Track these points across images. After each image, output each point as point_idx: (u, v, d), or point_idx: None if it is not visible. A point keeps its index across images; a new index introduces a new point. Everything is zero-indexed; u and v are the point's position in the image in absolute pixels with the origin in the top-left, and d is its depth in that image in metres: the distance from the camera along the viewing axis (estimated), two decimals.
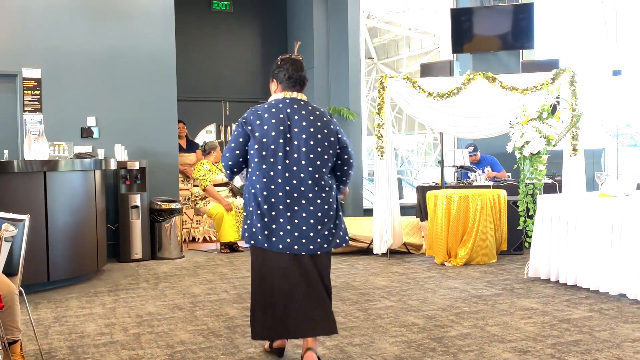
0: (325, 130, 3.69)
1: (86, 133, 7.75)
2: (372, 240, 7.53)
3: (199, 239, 9.14)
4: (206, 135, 10.80)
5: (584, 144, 7.04)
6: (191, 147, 9.62)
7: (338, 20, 10.18)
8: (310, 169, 3.62)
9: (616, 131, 10.00)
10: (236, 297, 5.59)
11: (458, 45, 10.13)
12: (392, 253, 7.52)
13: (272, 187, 3.59)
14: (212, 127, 10.89)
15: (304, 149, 3.62)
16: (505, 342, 4.13)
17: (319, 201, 3.64)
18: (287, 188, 3.59)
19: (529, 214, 6.49)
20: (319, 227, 3.63)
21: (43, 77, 7.63)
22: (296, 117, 3.64)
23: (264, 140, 3.60)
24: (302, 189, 3.61)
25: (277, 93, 3.79)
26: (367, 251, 7.69)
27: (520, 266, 6.68)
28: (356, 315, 4.88)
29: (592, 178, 6.64)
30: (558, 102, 6.94)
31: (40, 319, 4.92)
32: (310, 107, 3.73)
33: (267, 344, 4.01)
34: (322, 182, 3.67)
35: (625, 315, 4.72)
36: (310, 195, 3.62)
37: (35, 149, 6.12)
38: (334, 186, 3.77)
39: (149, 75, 8.12)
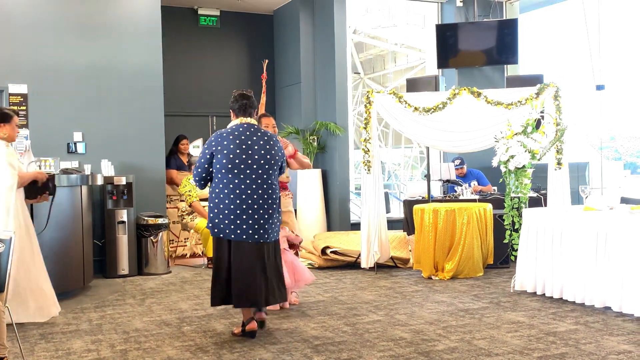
0: (275, 149, 4.82)
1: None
2: (359, 255, 7.55)
3: (187, 254, 9.10)
4: (193, 150, 10.79)
5: (568, 157, 7.11)
6: (192, 163, 9.55)
7: (324, 35, 10.24)
8: (265, 176, 4.72)
9: (600, 145, 10.11)
10: (223, 312, 5.57)
11: (443, 60, 10.21)
12: (379, 267, 7.53)
13: (237, 191, 4.64)
14: (199, 142, 10.87)
15: (262, 162, 4.71)
16: (492, 355, 4.15)
17: (270, 201, 4.74)
18: (249, 192, 4.65)
19: (515, 227, 6.53)
20: (270, 222, 4.73)
21: (29, 92, 7.62)
22: (254, 138, 4.74)
23: (231, 156, 4.64)
24: (260, 192, 4.68)
25: (234, 120, 4.88)
26: (354, 265, 7.70)
27: (506, 279, 6.72)
28: (344, 329, 4.89)
29: (577, 191, 6.69)
30: (542, 116, 7.00)
31: (26, 336, 4.88)
32: (261, 132, 4.82)
33: (237, 329, 4.81)
34: (273, 187, 4.78)
35: (610, 328, 4.76)
36: (265, 197, 4.71)
37: (22, 164, 6.09)
38: (278, 192, 4.85)
39: (136, 90, 8.12)
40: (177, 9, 10.41)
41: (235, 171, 4.64)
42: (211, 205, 4.71)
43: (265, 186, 4.71)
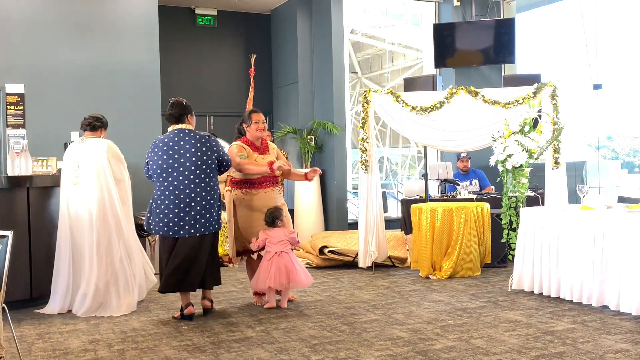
0: (204, 149, 5.25)
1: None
2: (357, 254, 7.54)
3: None
4: None
5: (565, 157, 7.11)
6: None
7: (322, 35, 10.24)
8: (192, 177, 5.19)
9: (597, 144, 10.12)
10: (221, 311, 5.57)
11: (441, 59, 10.21)
12: (377, 266, 7.53)
13: (167, 193, 5.19)
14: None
15: (188, 164, 5.18)
16: (489, 354, 4.15)
17: (204, 197, 5.22)
18: (177, 192, 5.17)
19: (512, 226, 6.53)
20: (207, 216, 5.24)
21: (26, 92, 7.61)
22: (182, 143, 5.23)
23: (159, 162, 5.22)
24: (188, 191, 5.17)
25: (170, 127, 5.36)
26: (352, 265, 7.70)
27: (504, 279, 6.72)
28: (341, 329, 4.89)
29: (574, 191, 6.69)
30: (540, 115, 7.00)
31: (24, 336, 4.87)
32: (192, 134, 5.29)
33: (177, 312, 5.36)
34: (204, 185, 5.22)
35: (608, 327, 4.77)
36: (199, 193, 5.19)
37: (19, 164, 6.08)
38: (216, 188, 5.34)
39: (133, 90, 8.12)
40: (174, 8, 10.40)
41: (164, 175, 5.20)
42: (153, 206, 5.30)
43: (196, 184, 5.20)
